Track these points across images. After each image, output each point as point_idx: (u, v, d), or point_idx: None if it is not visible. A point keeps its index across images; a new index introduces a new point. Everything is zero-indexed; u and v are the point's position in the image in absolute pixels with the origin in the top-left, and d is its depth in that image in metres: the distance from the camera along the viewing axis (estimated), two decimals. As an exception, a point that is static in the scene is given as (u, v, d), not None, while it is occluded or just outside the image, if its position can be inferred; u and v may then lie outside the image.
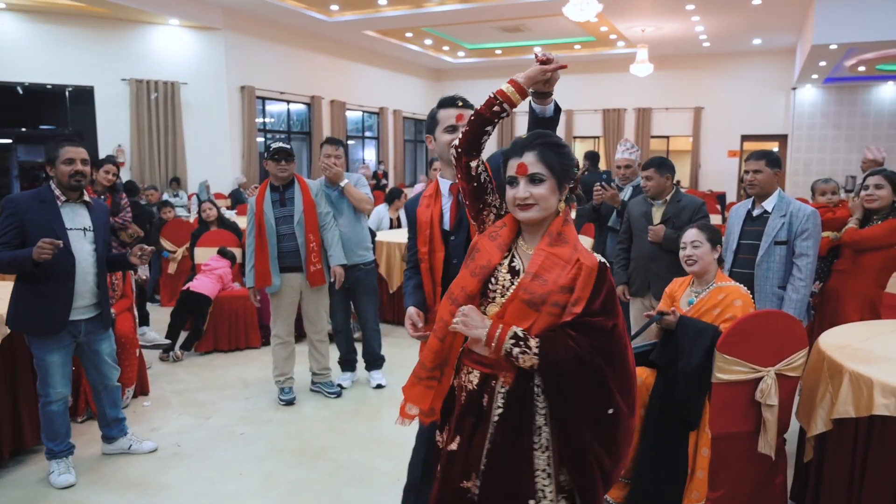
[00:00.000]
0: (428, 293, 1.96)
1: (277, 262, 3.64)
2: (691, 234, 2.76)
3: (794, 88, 13.52)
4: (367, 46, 13.58)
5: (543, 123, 1.75)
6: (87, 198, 2.87)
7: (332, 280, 3.74)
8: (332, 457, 3.12)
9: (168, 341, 4.62)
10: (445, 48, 14.59)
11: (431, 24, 11.98)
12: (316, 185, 3.80)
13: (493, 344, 1.48)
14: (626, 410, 1.47)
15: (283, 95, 11.76)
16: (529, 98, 1.72)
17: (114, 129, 9.76)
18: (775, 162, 2.99)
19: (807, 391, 2.53)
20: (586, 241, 5.63)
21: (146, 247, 2.94)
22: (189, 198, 9.82)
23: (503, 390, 1.54)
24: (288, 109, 12.30)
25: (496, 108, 1.60)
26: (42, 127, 9.89)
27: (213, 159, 10.55)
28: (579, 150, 16.25)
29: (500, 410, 1.53)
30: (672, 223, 3.42)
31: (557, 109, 1.78)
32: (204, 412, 3.69)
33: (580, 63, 15.17)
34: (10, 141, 9.76)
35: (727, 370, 2.41)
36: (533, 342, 1.46)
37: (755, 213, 3.04)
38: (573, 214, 1.95)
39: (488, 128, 1.62)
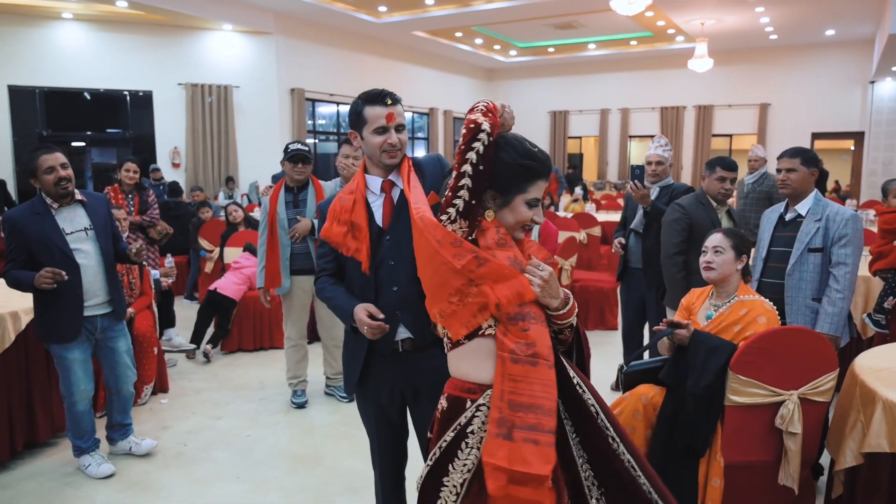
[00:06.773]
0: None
1: (288, 263, 3.61)
2: (715, 239, 2.51)
3: (873, 82, 12.48)
4: (417, 47, 13.58)
5: None
6: (79, 196, 2.83)
7: None
8: (331, 464, 3.05)
9: (193, 346, 4.65)
10: (497, 47, 14.39)
11: (480, 23, 11.83)
12: (331, 186, 3.74)
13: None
14: None
15: (333, 97, 11.92)
16: None
17: (171, 132, 10.20)
18: (812, 160, 2.67)
19: (837, 418, 2.24)
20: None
21: (142, 245, 2.93)
22: (242, 197, 10.10)
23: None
24: (338, 111, 12.47)
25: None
26: (109, 131, 10.44)
27: (265, 160, 10.78)
28: (635, 151, 15.66)
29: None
30: None
31: None
32: (216, 412, 3.71)
33: (636, 59, 14.63)
34: (83, 144, 10.36)
35: (742, 392, 2.16)
36: None
37: (788, 216, 2.74)
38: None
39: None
